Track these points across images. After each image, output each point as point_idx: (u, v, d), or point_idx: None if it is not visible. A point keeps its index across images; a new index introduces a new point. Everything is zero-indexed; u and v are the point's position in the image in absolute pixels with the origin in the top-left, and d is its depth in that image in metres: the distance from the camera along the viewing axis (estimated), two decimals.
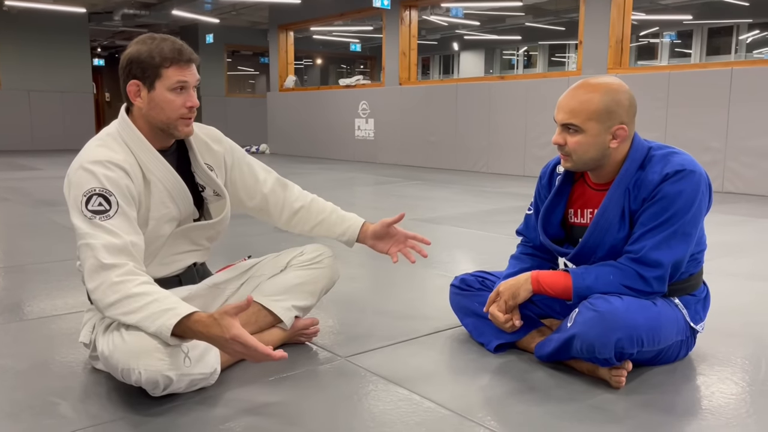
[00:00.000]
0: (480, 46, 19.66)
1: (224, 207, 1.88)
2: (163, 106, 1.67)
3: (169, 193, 1.73)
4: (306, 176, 7.79)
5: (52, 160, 9.82)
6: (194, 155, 1.83)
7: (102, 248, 1.52)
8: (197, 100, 1.72)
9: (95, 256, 1.52)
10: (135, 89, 1.68)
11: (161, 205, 1.72)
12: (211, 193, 1.86)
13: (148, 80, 1.66)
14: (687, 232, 1.66)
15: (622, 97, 1.69)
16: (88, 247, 1.53)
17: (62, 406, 1.58)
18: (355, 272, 2.98)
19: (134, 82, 1.67)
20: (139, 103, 1.69)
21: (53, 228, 4.18)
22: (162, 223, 1.74)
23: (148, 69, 1.65)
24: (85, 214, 1.55)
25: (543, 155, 7.41)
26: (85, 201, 1.56)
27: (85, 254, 1.54)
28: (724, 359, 1.89)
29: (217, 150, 1.90)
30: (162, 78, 1.65)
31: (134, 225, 1.62)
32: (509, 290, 1.81)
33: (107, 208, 1.56)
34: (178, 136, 1.75)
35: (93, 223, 1.55)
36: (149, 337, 1.50)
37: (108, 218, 1.56)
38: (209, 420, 1.52)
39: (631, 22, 6.92)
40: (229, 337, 1.43)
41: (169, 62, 1.65)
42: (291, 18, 11.43)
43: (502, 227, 4.19)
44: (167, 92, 1.66)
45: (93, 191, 1.57)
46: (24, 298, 2.58)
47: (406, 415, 1.54)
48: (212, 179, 1.84)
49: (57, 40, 12.69)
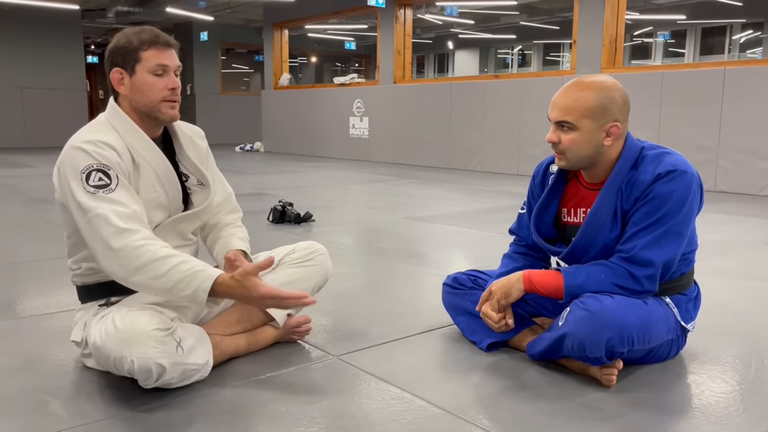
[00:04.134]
0: (474, 45, 19.68)
1: (207, 195, 1.89)
2: (144, 89, 1.70)
3: (158, 176, 1.75)
4: (300, 174, 7.78)
5: (44, 158, 9.77)
6: (179, 144, 1.85)
7: (114, 215, 1.54)
8: (179, 82, 1.75)
9: (110, 224, 1.54)
10: (118, 77, 1.71)
11: (150, 188, 1.73)
12: (194, 183, 1.87)
13: (129, 66, 1.69)
14: (678, 232, 1.67)
15: (615, 94, 1.70)
16: (99, 217, 1.55)
17: (54, 404, 1.58)
18: (347, 270, 2.98)
19: (117, 69, 1.71)
20: (123, 90, 1.72)
21: (45, 226, 4.17)
22: (151, 208, 1.73)
23: (127, 54, 1.69)
24: (88, 190, 1.57)
25: (537, 154, 7.42)
26: (85, 177, 1.58)
27: (97, 224, 1.55)
28: (714, 358, 1.91)
29: (201, 144, 1.94)
30: (142, 61, 1.69)
31: (135, 196, 1.64)
32: (501, 289, 1.81)
33: (108, 182, 1.59)
34: (163, 120, 1.76)
35: (97, 196, 1.56)
36: (142, 325, 1.51)
37: (111, 191, 1.58)
38: (202, 416, 1.51)
39: (625, 21, 6.95)
40: (258, 296, 1.55)
41: (147, 45, 1.69)
42: (286, 16, 11.41)
43: (495, 226, 4.20)
44: (148, 75, 1.69)
45: (91, 167, 1.59)
46: (16, 296, 2.57)
47: (398, 414, 1.54)
48: (197, 167, 1.86)
49: (50, 37, 12.63)
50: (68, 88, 12.96)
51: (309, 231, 4.05)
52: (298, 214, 4.28)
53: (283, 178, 7.43)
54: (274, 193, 5.73)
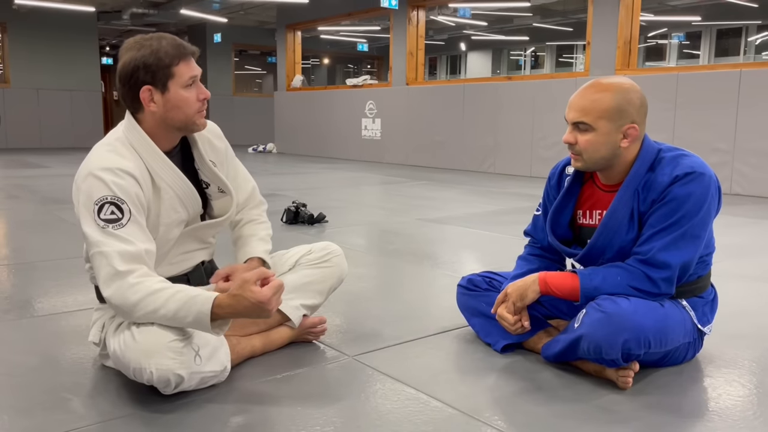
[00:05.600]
0: (487, 47, 19.64)
1: (228, 202, 1.86)
2: (181, 105, 1.65)
3: (180, 199, 1.72)
4: (313, 175, 7.81)
5: (60, 158, 9.86)
6: (199, 153, 1.81)
7: (116, 255, 1.52)
8: (207, 90, 1.71)
9: (110, 264, 1.52)
10: (148, 95, 1.63)
11: (172, 210, 1.71)
12: (215, 190, 1.84)
13: (160, 83, 1.62)
14: (696, 235, 1.66)
15: (633, 96, 1.69)
16: (102, 255, 1.53)
17: (73, 401, 1.60)
18: (362, 272, 2.99)
19: (146, 88, 1.62)
20: (153, 108, 1.64)
21: (62, 225, 4.21)
22: (172, 228, 1.73)
23: (158, 71, 1.61)
24: (98, 223, 1.54)
25: (550, 156, 7.40)
26: (98, 209, 1.54)
27: (99, 263, 1.54)
28: (731, 361, 1.89)
29: (218, 146, 1.89)
30: (175, 77, 1.63)
31: (146, 232, 1.61)
32: (517, 291, 1.81)
33: (120, 217, 1.55)
34: (195, 130, 1.73)
35: (106, 231, 1.54)
36: (160, 336, 1.51)
37: (121, 227, 1.55)
38: (218, 416, 1.53)
39: (639, 23, 6.91)
40: (261, 300, 1.50)
41: (177, 59, 1.62)
42: (299, 18, 11.45)
43: (508, 228, 4.19)
44: (182, 90, 1.64)
45: (105, 199, 1.55)
46: (34, 295, 2.60)
47: (414, 414, 1.54)
48: (217, 176, 1.82)
49: (66, 38, 12.76)
50: (83, 90, 13.08)
51: (322, 232, 4.06)
52: (311, 215, 4.29)
53: (296, 179, 7.45)
54: (287, 194, 5.75)
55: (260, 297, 1.50)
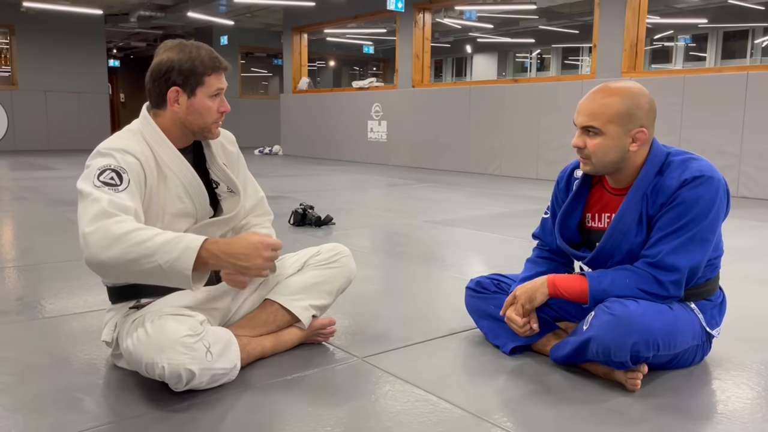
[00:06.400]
0: (493, 49, 19.65)
1: (237, 202, 1.90)
2: (202, 112, 1.72)
3: (185, 189, 1.76)
4: (319, 177, 7.83)
5: (68, 160, 9.92)
6: (211, 153, 1.87)
7: (107, 201, 1.52)
8: (228, 106, 1.78)
9: (100, 206, 1.50)
10: (174, 95, 1.70)
11: (177, 200, 1.75)
12: (225, 190, 1.89)
13: (188, 87, 1.70)
14: (704, 238, 1.67)
15: (642, 100, 1.70)
16: (93, 200, 1.51)
17: (86, 401, 1.61)
18: (370, 273, 3.00)
19: (175, 89, 1.70)
20: (177, 109, 1.72)
21: (70, 227, 4.23)
22: (177, 218, 1.76)
23: (190, 77, 1.69)
24: (95, 183, 1.56)
25: (556, 159, 7.40)
26: (98, 173, 1.58)
27: (88, 206, 1.51)
28: (739, 364, 1.90)
29: (231, 150, 1.95)
30: (204, 86, 1.70)
31: (138, 202, 1.62)
32: (526, 294, 1.82)
33: (117, 183, 1.58)
34: (209, 138, 1.81)
35: (101, 189, 1.55)
36: (173, 331, 1.54)
37: (117, 191, 1.56)
38: (230, 416, 1.54)
39: (645, 25, 6.91)
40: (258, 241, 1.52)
41: (210, 70, 1.70)
42: (305, 20, 11.48)
43: (515, 230, 4.20)
44: (207, 99, 1.72)
45: (107, 167, 1.59)
46: (44, 297, 2.62)
47: (424, 416, 1.55)
48: (228, 175, 1.88)
49: (73, 41, 12.84)
50: (91, 92, 13.16)
51: (329, 234, 4.07)
52: (318, 217, 4.31)
53: (303, 181, 7.47)
54: (294, 196, 5.77)
55: (261, 238, 1.53)
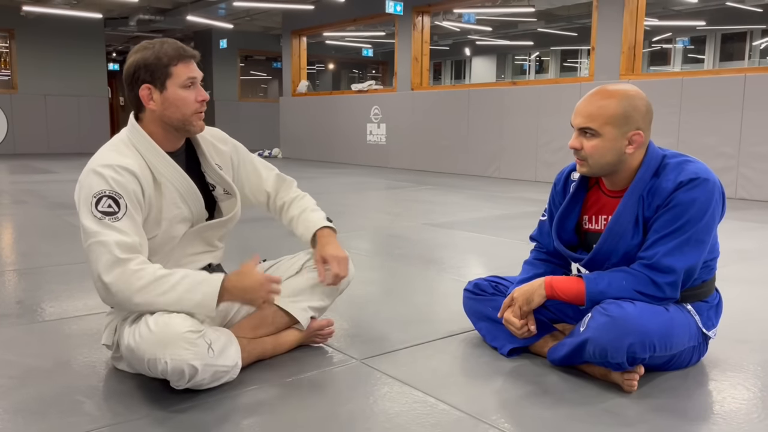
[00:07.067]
0: (492, 52, 19.69)
1: (234, 205, 1.93)
2: (178, 104, 1.73)
3: (180, 194, 1.78)
4: (318, 180, 7.84)
5: (67, 164, 9.93)
6: (203, 155, 1.88)
7: (115, 245, 1.59)
8: (206, 93, 1.79)
9: (110, 252, 1.58)
10: (147, 93, 1.72)
11: (173, 206, 1.77)
12: (221, 192, 1.91)
13: (158, 81, 1.71)
14: (700, 240, 1.68)
15: (639, 103, 1.72)
16: (100, 243, 1.59)
17: (87, 404, 1.62)
18: (368, 275, 3.01)
19: (145, 86, 1.71)
20: (153, 106, 1.73)
21: (70, 230, 4.25)
22: (174, 224, 1.78)
23: (156, 71, 1.71)
24: (95, 215, 1.61)
25: (554, 161, 7.42)
26: (95, 202, 1.62)
27: (98, 251, 1.59)
28: (736, 365, 1.91)
29: (224, 150, 1.96)
30: (173, 76, 1.71)
31: (140, 228, 1.68)
32: (523, 296, 1.83)
33: (116, 210, 1.62)
34: (193, 132, 1.80)
35: (103, 223, 1.61)
36: (176, 327, 1.55)
37: (117, 219, 1.62)
38: (230, 418, 1.55)
39: (643, 27, 6.93)
40: (263, 278, 1.68)
41: (176, 60, 1.72)
42: (304, 23, 11.51)
43: (513, 232, 4.21)
44: (179, 90, 1.72)
45: (103, 193, 1.63)
46: (44, 300, 2.63)
47: (422, 417, 1.56)
48: (222, 178, 1.89)
49: (73, 45, 12.86)
50: (90, 95, 13.18)
51: None
52: None
53: (302, 184, 7.41)
54: None
55: (266, 276, 1.70)
